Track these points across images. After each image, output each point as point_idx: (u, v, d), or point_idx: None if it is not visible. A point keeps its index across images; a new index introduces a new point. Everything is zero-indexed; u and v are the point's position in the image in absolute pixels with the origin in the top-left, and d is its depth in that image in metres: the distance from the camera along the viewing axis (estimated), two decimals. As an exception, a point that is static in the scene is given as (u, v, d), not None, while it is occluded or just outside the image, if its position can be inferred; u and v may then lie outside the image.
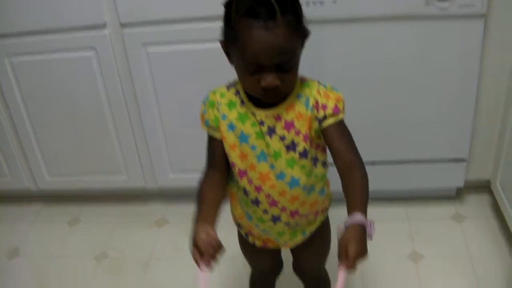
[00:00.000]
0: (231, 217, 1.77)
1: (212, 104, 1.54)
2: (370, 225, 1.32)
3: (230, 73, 1.49)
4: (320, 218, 1.72)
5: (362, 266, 2.38)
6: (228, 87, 1.55)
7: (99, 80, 2.50)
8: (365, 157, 2.54)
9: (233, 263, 2.43)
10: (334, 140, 1.47)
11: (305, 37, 1.41)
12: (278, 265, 1.98)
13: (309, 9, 2.14)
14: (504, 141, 2.39)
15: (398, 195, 2.73)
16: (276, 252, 1.88)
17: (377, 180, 2.57)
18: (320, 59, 2.25)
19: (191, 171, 2.64)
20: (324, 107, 1.45)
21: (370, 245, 2.55)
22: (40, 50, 2.47)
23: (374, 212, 2.64)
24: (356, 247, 1.26)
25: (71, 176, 2.84)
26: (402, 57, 2.29)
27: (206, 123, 1.56)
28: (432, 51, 2.27)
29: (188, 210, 2.80)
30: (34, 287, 2.53)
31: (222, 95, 1.54)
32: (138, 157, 2.71)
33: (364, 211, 1.34)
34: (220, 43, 1.45)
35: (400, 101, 2.39)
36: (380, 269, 2.39)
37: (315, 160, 1.54)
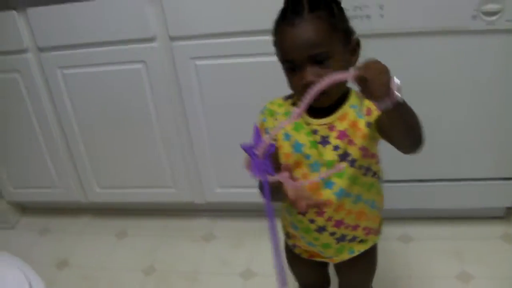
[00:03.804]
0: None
1: (271, 113, 1.57)
2: (396, 81, 1.23)
3: (279, 86, 1.51)
4: (371, 239, 1.70)
5: (410, 284, 2.37)
6: (285, 99, 1.57)
7: (148, 93, 2.53)
8: (412, 175, 2.54)
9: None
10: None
11: (345, 33, 1.44)
12: (325, 281, 1.96)
13: (356, 22, 2.13)
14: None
15: (446, 214, 2.69)
16: (323, 267, 1.87)
17: (424, 199, 2.58)
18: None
19: (238, 186, 2.67)
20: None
21: (416, 263, 2.53)
22: (91, 63, 2.51)
23: (421, 230, 2.64)
24: (375, 61, 1.21)
25: (120, 188, 2.88)
26: (448, 72, 2.27)
27: (266, 131, 1.57)
28: (478, 66, 2.23)
29: (236, 226, 2.85)
30: (83, 298, 2.57)
31: (279, 106, 1.57)
32: (186, 171, 2.73)
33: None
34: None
35: (447, 117, 2.36)
36: (428, 289, 2.37)
37: (366, 169, 1.54)
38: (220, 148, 2.62)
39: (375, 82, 1.21)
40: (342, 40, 1.43)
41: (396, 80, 1.23)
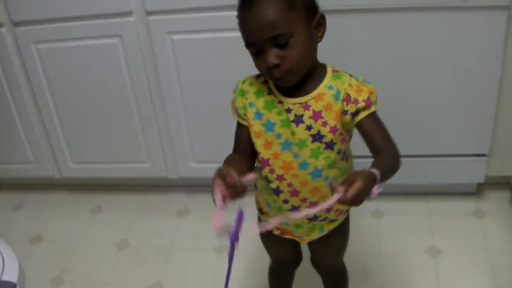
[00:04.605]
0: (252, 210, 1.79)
1: (242, 93, 1.56)
2: (378, 186, 1.31)
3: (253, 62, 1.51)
4: (340, 219, 1.73)
5: (381, 258, 2.40)
6: (257, 77, 1.56)
7: (123, 67, 2.53)
8: (385, 150, 2.55)
9: (254, 256, 2.46)
10: (369, 134, 1.49)
11: (307, 9, 1.41)
12: (296, 256, 1.98)
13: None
14: (526, 137, 2.39)
15: (418, 190, 2.73)
16: (295, 243, 1.87)
17: (397, 174, 2.59)
18: (340, 49, 2.25)
19: (212, 161, 2.67)
20: (356, 101, 1.46)
21: (387, 238, 2.56)
22: (66, 37, 2.51)
23: (394, 206, 2.67)
24: (362, 186, 1.26)
25: (94, 164, 2.88)
26: (423, 49, 2.30)
27: (236, 111, 1.58)
28: (454, 43, 2.26)
29: (210, 201, 2.84)
30: (56, 273, 2.57)
31: (251, 84, 1.56)
32: (160, 146, 2.74)
33: (380, 173, 1.33)
34: None
35: (421, 94, 2.39)
36: (398, 263, 2.40)
37: (340, 153, 1.55)
38: (196, 123, 2.63)
39: (356, 203, 1.28)
40: (304, 16, 1.40)
41: (376, 188, 1.31)
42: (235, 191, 1.33)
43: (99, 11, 2.40)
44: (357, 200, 1.27)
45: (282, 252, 1.93)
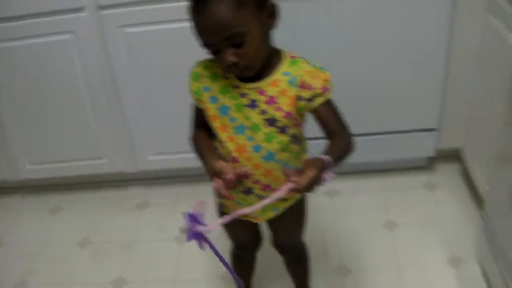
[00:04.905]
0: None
1: (196, 76, 1.59)
2: (330, 175, 1.37)
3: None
4: (294, 198, 1.76)
5: (340, 235, 2.45)
6: (212, 59, 1.56)
7: (77, 63, 2.52)
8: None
9: (215, 242, 2.49)
10: (324, 121, 1.53)
11: (257, 3, 1.43)
12: (256, 237, 2.01)
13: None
14: (473, 110, 2.47)
15: (371, 167, 2.80)
16: (253, 224, 1.89)
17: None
18: (291, 33, 2.27)
19: (170, 153, 2.70)
20: (311, 87, 1.50)
21: (343, 215, 2.60)
22: (18, 36, 2.48)
23: (349, 184, 2.72)
24: (314, 175, 1.31)
25: (51, 164, 2.86)
26: (370, 28, 2.35)
27: (192, 94, 1.61)
28: (401, 22, 2.32)
29: (169, 192, 2.87)
30: (21, 276, 2.56)
31: (206, 67, 1.58)
32: (116, 141, 2.74)
33: (333, 159, 1.39)
34: None
35: (369, 72, 2.44)
36: (356, 239, 2.47)
37: (294, 138, 1.59)
38: (152, 116, 2.64)
39: (309, 191, 1.35)
40: (255, 11, 1.42)
41: (328, 175, 1.36)
42: (233, 183, 1.48)
43: (51, 8, 2.39)
44: (309, 188, 1.33)
45: (241, 234, 1.96)
